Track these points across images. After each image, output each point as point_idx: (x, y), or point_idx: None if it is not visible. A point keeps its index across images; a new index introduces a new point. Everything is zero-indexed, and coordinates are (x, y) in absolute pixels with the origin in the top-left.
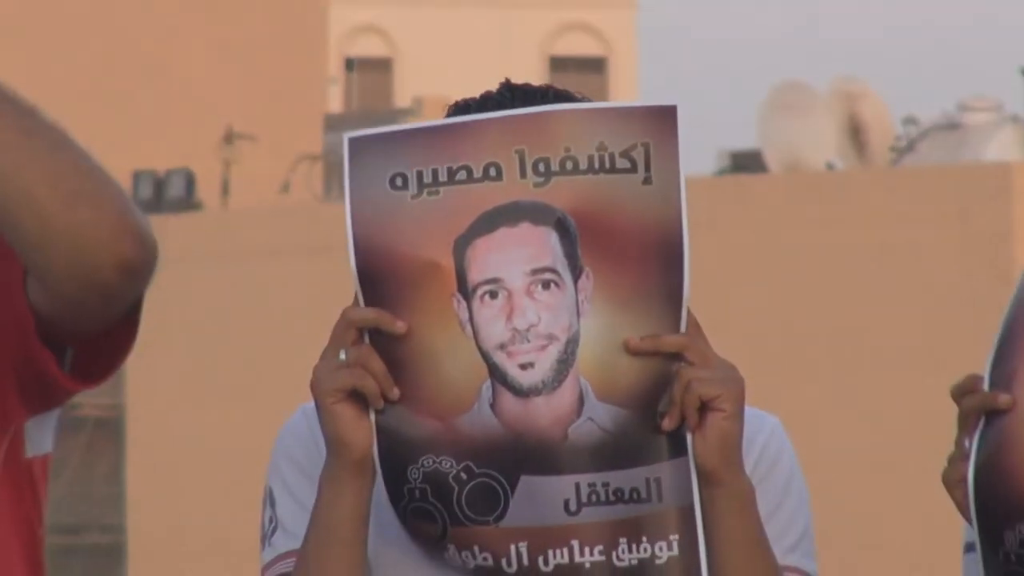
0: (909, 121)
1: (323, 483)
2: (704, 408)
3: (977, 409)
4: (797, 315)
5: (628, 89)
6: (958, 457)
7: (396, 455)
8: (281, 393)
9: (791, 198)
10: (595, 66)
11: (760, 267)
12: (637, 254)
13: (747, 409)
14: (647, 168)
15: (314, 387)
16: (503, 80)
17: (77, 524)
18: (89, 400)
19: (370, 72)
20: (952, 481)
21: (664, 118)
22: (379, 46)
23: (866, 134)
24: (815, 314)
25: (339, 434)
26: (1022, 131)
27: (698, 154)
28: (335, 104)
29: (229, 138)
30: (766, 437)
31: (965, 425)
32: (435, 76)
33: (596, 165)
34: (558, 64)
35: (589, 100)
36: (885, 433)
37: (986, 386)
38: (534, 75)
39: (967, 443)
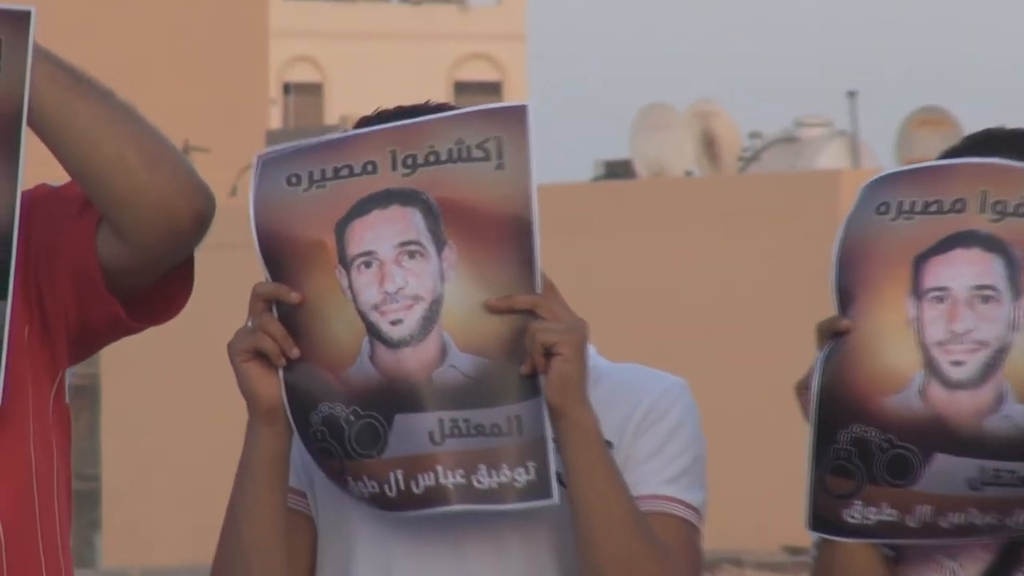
0: (754, 135)
1: (246, 433)
2: (549, 354)
3: (825, 332)
4: (660, 296)
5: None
6: (809, 372)
7: (300, 404)
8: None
9: (656, 200)
10: (492, 89)
11: (630, 257)
12: (494, 228)
13: (650, 370)
14: (499, 156)
15: (228, 350)
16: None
17: None
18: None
19: (304, 95)
20: (800, 389)
21: (515, 116)
22: (312, 73)
23: (718, 147)
24: (675, 295)
25: (248, 388)
26: (848, 144)
27: (578, 163)
28: (275, 122)
29: (186, 150)
30: (660, 394)
31: (820, 345)
32: (359, 98)
33: (455, 156)
34: (461, 88)
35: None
36: (726, 391)
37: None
38: (441, 97)
39: (819, 358)
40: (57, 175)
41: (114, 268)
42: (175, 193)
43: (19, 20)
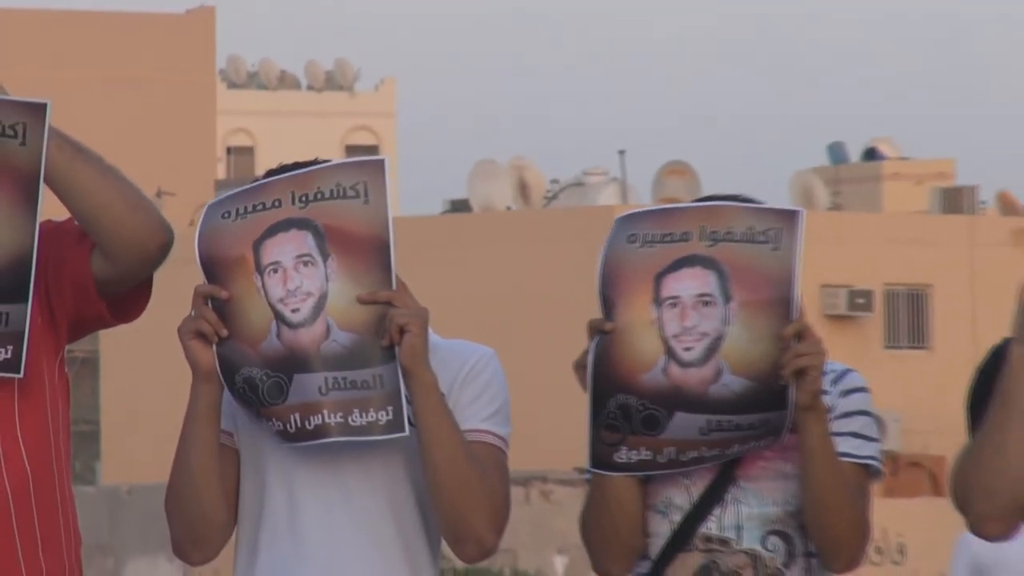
0: (554, 181)
1: (191, 389)
2: (401, 331)
3: (594, 328)
4: (489, 296)
5: (392, 166)
6: (585, 354)
7: (228, 368)
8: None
9: (485, 228)
10: (373, 151)
11: (467, 269)
12: (363, 245)
13: (465, 342)
14: (366, 195)
15: (178, 332)
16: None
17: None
18: (76, 346)
19: (240, 155)
20: (577, 367)
21: (377, 166)
22: (246, 140)
23: (529, 190)
24: (499, 296)
25: (192, 358)
26: (619, 188)
27: (429, 201)
28: (220, 174)
29: (159, 193)
30: (477, 358)
31: (590, 337)
32: (279, 158)
33: (335, 195)
34: (350, 150)
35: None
36: (532, 361)
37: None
38: (337, 157)
39: (591, 347)
40: (59, 213)
41: (102, 280)
42: (147, 231)
43: (39, 109)
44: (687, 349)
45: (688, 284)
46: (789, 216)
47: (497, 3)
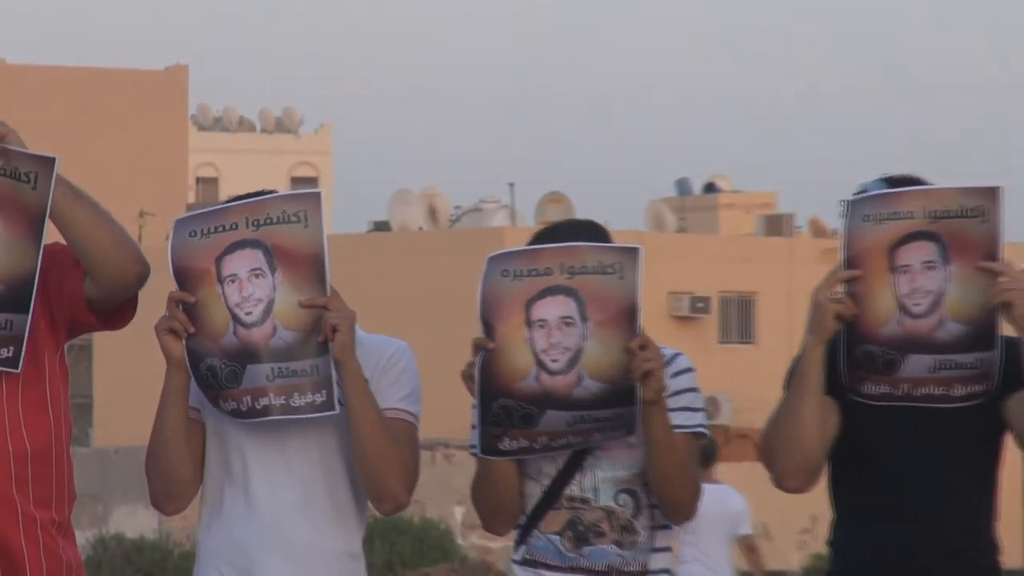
0: (458, 207)
1: (165, 374)
2: (334, 330)
3: (478, 345)
4: (404, 302)
5: (328, 194)
6: (470, 366)
7: (195, 358)
8: None
9: (402, 245)
10: (312, 183)
11: (388, 280)
12: (304, 261)
13: (385, 337)
14: (306, 220)
15: (155, 328)
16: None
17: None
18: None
19: (207, 185)
20: (464, 377)
21: (315, 197)
22: (212, 172)
23: (437, 214)
24: (413, 302)
25: (165, 350)
26: (509, 214)
27: (357, 222)
28: (191, 199)
29: (142, 214)
30: (394, 350)
31: (474, 353)
32: (238, 188)
33: (281, 220)
34: (295, 182)
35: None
36: (441, 354)
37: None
38: (285, 188)
39: (476, 361)
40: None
41: (92, 298)
42: (127, 264)
43: (49, 162)
44: (554, 361)
45: (553, 309)
46: (631, 252)
47: (414, 67)
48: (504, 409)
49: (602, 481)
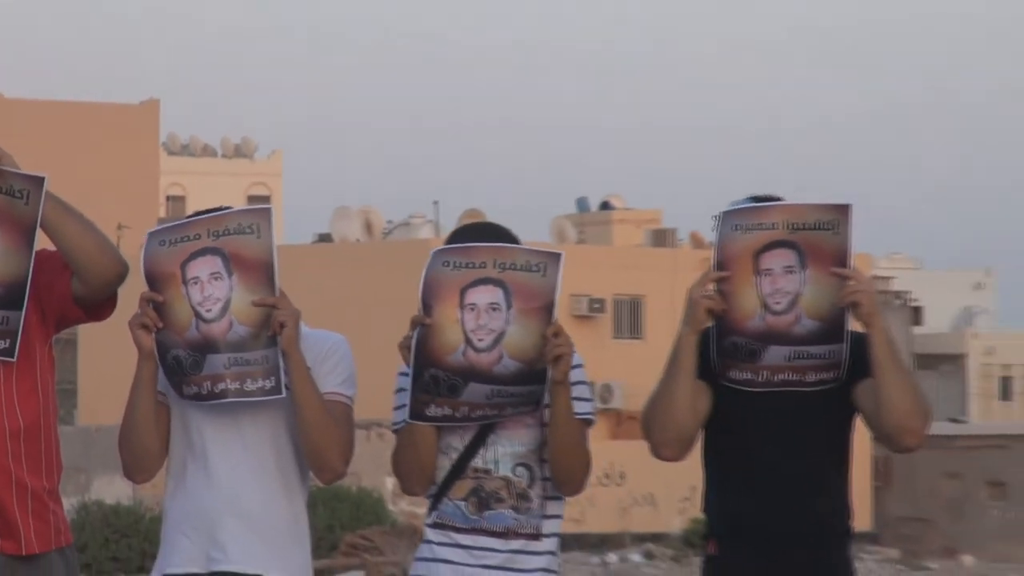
0: (391, 222)
1: (137, 364)
2: (281, 325)
3: (415, 322)
4: (344, 302)
5: (278, 210)
6: (407, 339)
7: (162, 349)
8: None
9: (342, 254)
10: (265, 200)
11: (329, 283)
12: (256, 267)
13: (325, 331)
14: (259, 232)
15: (128, 324)
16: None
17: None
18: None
19: (176, 202)
20: (401, 348)
21: (266, 212)
22: (180, 191)
23: (372, 228)
24: (351, 301)
25: (137, 342)
26: (434, 228)
27: (303, 234)
28: (163, 214)
29: (120, 226)
30: (332, 342)
31: (411, 329)
32: (202, 204)
33: (237, 231)
34: (251, 199)
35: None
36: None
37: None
38: (241, 204)
39: (413, 335)
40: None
41: (78, 296)
42: (109, 266)
43: (39, 180)
44: (480, 340)
45: (483, 296)
46: (555, 256)
47: (353, 100)
48: (433, 378)
49: (502, 455)
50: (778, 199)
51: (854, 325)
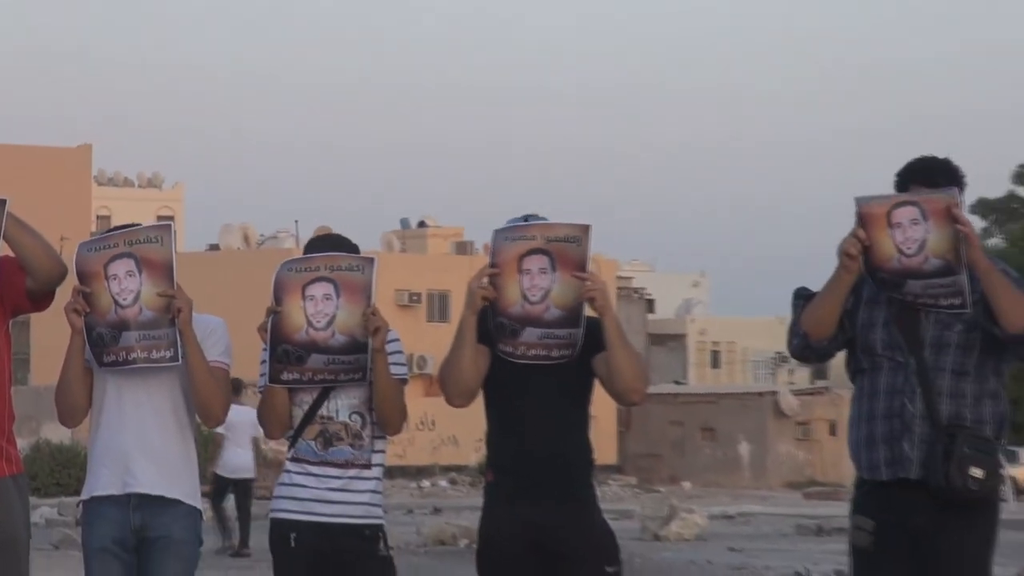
0: (263, 235)
1: (70, 339)
2: (178, 310)
3: (270, 311)
4: (227, 295)
5: (180, 225)
6: (264, 323)
7: (89, 328)
8: None
9: (227, 260)
10: (169, 219)
11: (217, 280)
12: (160, 267)
13: (210, 316)
14: (161, 241)
15: (63, 308)
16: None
17: None
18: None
19: (103, 221)
20: (259, 330)
21: (168, 227)
22: (107, 212)
23: (250, 240)
24: (230, 295)
25: (70, 322)
26: (295, 240)
27: (199, 243)
28: (93, 229)
29: (62, 239)
30: (214, 324)
31: (267, 315)
32: (121, 222)
33: (147, 240)
34: (160, 218)
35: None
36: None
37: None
38: (151, 222)
39: (267, 321)
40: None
41: (29, 291)
42: (55, 268)
43: (1, 203)
44: (318, 322)
45: (319, 290)
46: (369, 260)
47: (236, 140)
48: (285, 352)
49: (341, 406)
50: (542, 218)
51: (590, 313)
